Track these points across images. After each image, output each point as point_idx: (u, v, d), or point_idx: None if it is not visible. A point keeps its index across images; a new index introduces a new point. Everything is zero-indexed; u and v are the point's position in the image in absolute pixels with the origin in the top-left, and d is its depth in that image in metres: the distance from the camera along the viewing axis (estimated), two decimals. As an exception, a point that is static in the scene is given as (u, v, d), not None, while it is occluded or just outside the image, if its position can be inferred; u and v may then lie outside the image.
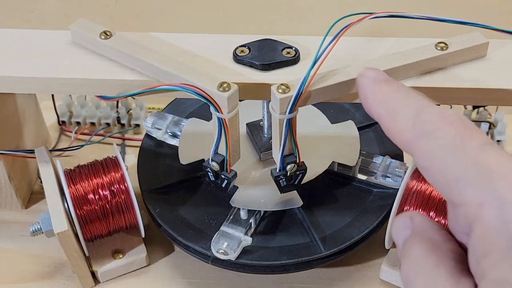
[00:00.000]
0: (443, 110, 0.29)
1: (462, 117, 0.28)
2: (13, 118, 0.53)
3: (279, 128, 0.39)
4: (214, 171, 0.43)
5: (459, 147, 0.27)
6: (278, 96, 0.38)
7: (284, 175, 0.43)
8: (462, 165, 0.26)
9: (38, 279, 0.50)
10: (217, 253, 0.45)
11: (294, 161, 0.42)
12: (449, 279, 0.27)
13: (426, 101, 0.30)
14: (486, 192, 0.26)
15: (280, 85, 0.38)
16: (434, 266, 0.28)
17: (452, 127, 0.28)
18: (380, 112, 0.31)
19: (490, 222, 0.25)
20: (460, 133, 0.27)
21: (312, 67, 0.37)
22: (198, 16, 0.83)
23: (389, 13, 0.40)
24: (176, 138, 0.54)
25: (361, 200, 0.49)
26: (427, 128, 0.28)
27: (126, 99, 0.63)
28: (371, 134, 0.54)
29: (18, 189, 0.54)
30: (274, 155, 0.43)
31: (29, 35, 0.46)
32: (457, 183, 0.27)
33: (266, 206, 0.46)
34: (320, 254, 0.45)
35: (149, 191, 0.50)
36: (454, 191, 0.27)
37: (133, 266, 0.50)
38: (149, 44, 0.44)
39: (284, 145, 0.40)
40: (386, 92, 0.32)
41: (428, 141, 0.28)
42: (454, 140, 0.27)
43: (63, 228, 0.44)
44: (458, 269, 0.28)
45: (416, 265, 0.29)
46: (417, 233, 0.30)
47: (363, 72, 0.34)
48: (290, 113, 0.38)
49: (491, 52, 0.43)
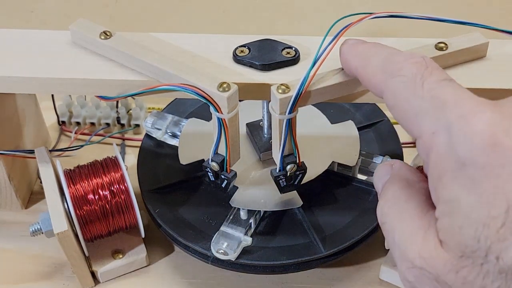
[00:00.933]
0: (410, 53, 0.31)
1: (426, 58, 0.30)
2: (13, 118, 0.53)
3: (279, 128, 0.39)
4: (214, 171, 0.43)
5: (418, 83, 0.29)
6: (278, 96, 0.38)
7: (284, 175, 0.43)
8: (420, 98, 0.28)
9: (38, 279, 0.50)
10: (217, 253, 0.45)
11: (294, 161, 0.42)
12: (417, 211, 0.30)
13: (396, 49, 0.32)
14: (438, 121, 0.27)
15: (280, 85, 0.38)
16: (405, 200, 0.30)
17: (415, 66, 0.29)
18: (356, 64, 0.34)
19: (440, 148, 0.27)
20: (421, 71, 0.29)
21: (312, 67, 0.37)
22: (198, 16, 0.83)
23: (389, 13, 0.40)
24: (176, 138, 0.54)
25: (361, 200, 0.49)
26: (393, 68, 0.30)
27: (126, 99, 0.63)
28: (371, 134, 0.54)
29: (18, 189, 0.54)
30: (274, 155, 0.43)
31: (29, 35, 0.46)
32: (416, 116, 0.28)
33: (266, 206, 0.46)
34: (320, 254, 0.45)
35: (149, 191, 0.50)
36: (414, 124, 0.29)
37: (133, 266, 0.50)
38: (149, 44, 0.44)
39: (284, 145, 0.40)
40: (361, 48, 0.35)
41: (393, 80, 0.30)
42: (415, 77, 0.29)
43: (63, 228, 0.44)
44: (429, 203, 0.30)
45: (389, 200, 0.31)
46: (394, 175, 0.33)
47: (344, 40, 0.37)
48: (290, 113, 0.38)
49: (491, 52, 0.43)
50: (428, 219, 0.29)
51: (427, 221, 0.29)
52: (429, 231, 0.28)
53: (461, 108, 0.27)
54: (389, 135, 0.54)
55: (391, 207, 0.31)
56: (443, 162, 0.27)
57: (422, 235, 0.28)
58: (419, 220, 0.29)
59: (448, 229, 0.27)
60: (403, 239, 0.29)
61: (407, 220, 0.30)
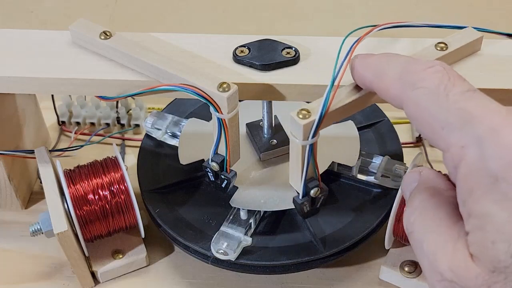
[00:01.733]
0: (429, 61, 0.30)
1: (446, 67, 0.29)
2: (13, 118, 0.53)
3: (302, 154, 0.38)
4: (214, 171, 0.43)
5: (442, 95, 0.28)
6: (301, 122, 0.36)
7: (308, 201, 0.41)
8: (446, 111, 0.28)
9: (38, 279, 0.50)
10: (217, 253, 0.45)
11: (317, 185, 0.40)
12: (446, 221, 0.29)
13: (412, 57, 0.32)
14: (467, 134, 0.27)
15: (300, 110, 0.36)
16: (434, 209, 0.30)
17: (436, 76, 0.29)
18: (370, 77, 0.33)
19: (471, 162, 0.27)
20: (444, 82, 0.29)
21: (330, 88, 0.36)
22: (198, 16, 0.83)
23: (394, 24, 0.41)
24: (176, 138, 0.54)
25: (361, 200, 0.49)
26: (412, 79, 0.30)
27: (125, 99, 0.63)
28: (371, 134, 0.54)
29: (18, 189, 0.54)
30: (293, 181, 0.41)
31: (29, 35, 0.46)
32: (442, 129, 0.28)
33: (266, 206, 0.46)
34: (320, 254, 0.45)
35: (149, 191, 0.50)
36: (441, 137, 0.28)
37: (133, 266, 0.50)
38: (149, 44, 0.44)
39: (307, 171, 0.38)
40: (372, 59, 0.34)
41: (414, 91, 0.29)
42: (438, 88, 0.28)
43: (63, 228, 0.44)
44: (457, 213, 0.29)
45: (417, 209, 0.31)
46: (422, 182, 0.32)
47: (353, 56, 0.36)
48: (313, 138, 0.37)
49: (491, 52, 0.43)
50: (458, 230, 0.28)
51: (456, 232, 0.28)
52: (458, 243, 0.28)
53: (490, 120, 0.26)
54: (389, 135, 0.54)
55: (419, 216, 0.30)
56: (474, 176, 0.27)
57: (451, 246, 0.28)
58: (449, 231, 0.29)
59: (480, 243, 0.26)
60: (432, 250, 0.29)
61: (436, 230, 0.29)
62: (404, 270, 0.47)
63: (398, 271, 0.47)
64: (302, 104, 0.37)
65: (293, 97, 0.42)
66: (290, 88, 0.42)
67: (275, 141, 0.50)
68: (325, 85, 0.41)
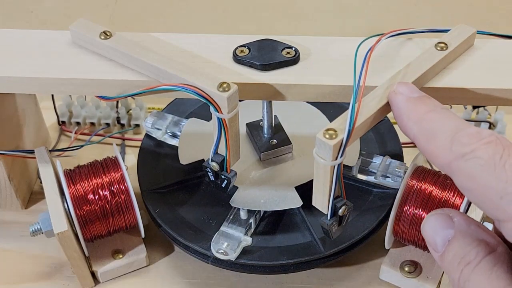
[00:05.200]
0: (480, 129, 0.29)
1: (498, 136, 0.29)
2: (13, 118, 0.53)
3: (330, 175, 0.36)
4: (214, 171, 0.43)
5: (498, 165, 0.27)
6: (330, 143, 0.34)
7: (337, 221, 0.40)
8: (504, 182, 0.27)
9: (38, 279, 0.50)
10: (217, 253, 0.45)
11: (344, 203, 0.39)
12: (506, 278, 0.28)
13: (462, 122, 0.30)
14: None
15: (326, 131, 0.35)
16: (492, 266, 0.28)
17: (490, 147, 0.28)
18: (416, 133, 0.32)
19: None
20: (499, 152, 0.28)
21: (354, 104, 0.35)
22: (198, 16, 0.83)
23: (401, 31, 0.41)
24: (176, 138, 0.54)
25: (361, 200, 0.49)
26: (465, 150, 0.29)
27: (126, 99, 0.63)
28: (371, 134, 0.54)
29: (18, 189, 0.54)
30: (318, 203, 0.39)
31: (29, 35, 0.46)
32: (501, 200, 0.27)
33: (266, 206, 0.46)
34: (320, 254, 0.45)
35: (149, 191, 0.50)
36: (500, 208, 0.27)
37: (133, 266, 0.50)
38: (149, 44, 0.44)
39: (335, 190, 0.37)
40: (421, 112, 0.32)
41: (467, 162, 0.28)
42: (493, 158, 0.28)
43: (63, 228, 0.44)
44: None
45: (471, 264, 0.29)
46: (465, 233, 0.30)
47: (396, 89, 0.34)
48: (341, 157, 0.35)
49: (491, 52, 0.43)
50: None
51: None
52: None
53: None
54: (389, 135, 0.54)
55: (477, 274, 0.29)
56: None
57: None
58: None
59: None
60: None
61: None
62: (404, 270, 0.47)
63: (398, 271, 0.47)
64: (325, 123, 0.36)
65: (293, 97, 0.42)
66: (290, 88, 0.42)
67: (275, 141, 0.50)
68: (325, 85, 0.41)
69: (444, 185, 0.44)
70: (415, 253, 0.48)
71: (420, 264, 0.47)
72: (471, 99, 0.42)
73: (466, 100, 0.42)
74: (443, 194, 0.44)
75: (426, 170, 0.46)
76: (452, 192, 0.44)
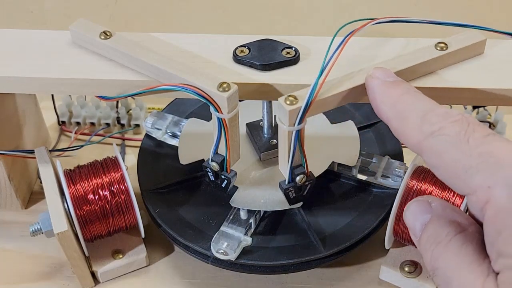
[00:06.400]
0: (448, 110, 0.31)
1: (465, 115, 0.30)
2: (13, 118, 0.53)
3: (288, 140, 0.38)
4: (214, 171, 0.43)
5: (463, 141, 0.29)
6: (287, 108, 0.37)
7: (294, 187, 0.42)
8: (468, 155, 0.28)
9: (38, 279, 0.50)
10: (217, 253, 0.45)
11: (303, 172, 0.41)
12: (475, 257, 0.29)
13: (433, 103, 0.32)
14: (492, 175, 0.27)
15: (288, 96, 0.37)
16: (460, 245, 0.29)
17: (456, 124, 0.29)
18: (389, 115, 0.33)
19: (499, 202, 0.27)
20: (464, 128, 0.29)
21: (319, 76, 0.36)
22: (198, 16, 0.83)
23: (391, 19, 0.41)
24: (176, 138, 0.54)
25: (361, 200, 0.49)
26: (433, 128, 0.30)
27: (126, 99, 0.63)
28: (371, 134, 0.54)
29: (18, 189, 0.54)
30: (281, 167, 0.42)
31: (29, 35, 0.46)
32: (466, 173, 0.28)
33: (266, 206, 0.46)
34: (320, 254, 0.45)
35: (149, 191, 0.50)
36: (464, 181, 0.28)
37: (133, 266, 0.50)
38: (149, 44, 0.44)
39: (293, 157, 0.39)
40: (395, 95, 0.33)
41: (435, 139, 0.30)
42: (459, 135, 0.29)
43: (63, 228, 0.44)
44: (483, 249, 0.29)
45: (440, 243, 0.30)
46: (440, 216, 0.31)
47: (372, 73, 0.36)
48: (299, 125, 0.37)
49: (491, 52, 0.43)
50: (486, 267, 0.28)
51: (485, 269, 0.28)
52: (487, 281, 0.28)
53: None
54: (389, 135, 0.54)
55: (445, 252, 0.30)
56: (503, 217, 0.27)
57: (481, 284, 0.28)
58: (478, 268, 0.28)
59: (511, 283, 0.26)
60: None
61: (466, 267, 0.29)
62: (404, 270, 0.47)
63: (398, 271, 0.47)
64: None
65: (293, 97, 0.42)
66: (290, 88, 0.42)
67: (275, 141, 0.50)
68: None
69: (444, 185, 0.44)
70: (415, 253, 0.48)
71: (420, 264, 0.47)
72: (471, 99, 0.42)
73: (466, 100, 0.42)
74: (443, 194, 0.44)
75: (426, 170, 0.46)
76: (452, 192, 0.44)
